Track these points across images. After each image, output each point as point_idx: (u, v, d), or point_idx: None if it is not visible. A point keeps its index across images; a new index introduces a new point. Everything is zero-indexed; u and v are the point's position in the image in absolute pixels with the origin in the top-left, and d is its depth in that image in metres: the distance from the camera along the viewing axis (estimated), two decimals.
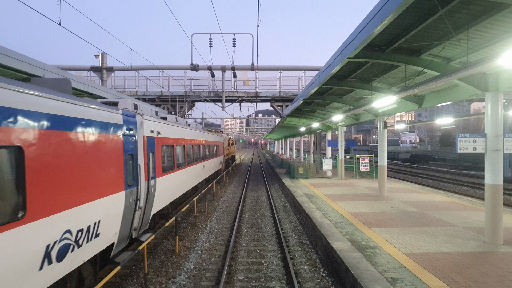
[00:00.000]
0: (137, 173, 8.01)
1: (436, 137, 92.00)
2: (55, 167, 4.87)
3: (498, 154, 8.05)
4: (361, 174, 24.60)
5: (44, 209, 4.63)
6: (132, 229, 8.07)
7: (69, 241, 5.24)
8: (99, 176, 6.16)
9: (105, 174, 6.39)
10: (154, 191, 9.40)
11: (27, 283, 4.35)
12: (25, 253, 4.29)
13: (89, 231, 5.82)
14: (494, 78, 7.88)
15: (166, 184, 10.65)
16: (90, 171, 5.86)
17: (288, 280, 7.72)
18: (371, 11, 6.76)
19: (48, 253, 4.74)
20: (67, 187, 5.15)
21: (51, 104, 4.87)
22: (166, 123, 11.07)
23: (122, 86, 30.38)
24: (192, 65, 27.63)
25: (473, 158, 46.61)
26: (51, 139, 4.80)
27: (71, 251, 5.33)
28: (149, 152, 9.00)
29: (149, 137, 9.03)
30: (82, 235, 5.61)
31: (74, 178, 5.36)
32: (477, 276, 6.26)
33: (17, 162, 4.20)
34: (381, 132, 15.74)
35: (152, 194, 9.20)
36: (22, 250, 4.24)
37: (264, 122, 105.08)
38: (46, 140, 4.68)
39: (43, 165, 4.61)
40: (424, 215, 11.34)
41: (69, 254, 5.26)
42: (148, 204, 8.92)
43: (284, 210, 16.09)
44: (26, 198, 4.28)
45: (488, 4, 6.14)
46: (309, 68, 29.21)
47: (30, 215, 4.35)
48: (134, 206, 7.88)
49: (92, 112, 6.04)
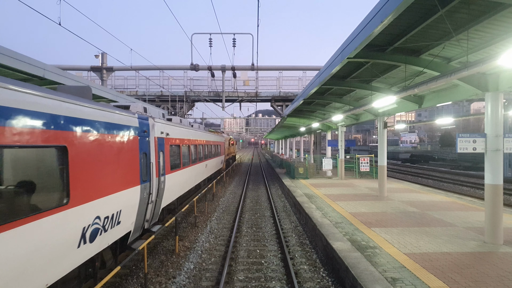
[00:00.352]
0: (149, 170, 8.92)
1: (436, 137, 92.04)
2: (89, 163, 5.85)
3: (498, 154, 8.05)
4: (361, 174, 24.60)
5: (82, 198, 5.59)
6: (145, 220, 8.95)
7: (98, 225, 6.16)
8: (120, 171, 7.11)
9: (125, 169, 7.35)
10: (164, 186, 10.29)
11: (69, 258, 5.29)
12: (68, 233, 5.23)
13: (112, 219, 6.77)
14: (494, 78, 7.88)
15: (173, 181, 11.49)
16: (114, 167, 6.81)
17: (288, 280, 7.72)
18: (371, 11, 6.76)
19: (84, 234, 5.69)
20: (98, 180, 6.13)
21: (85, 111, 5.84)
22: (173, 125, 11.94)
23: (122, 86, 30.38)
24: (192, 65, 27.62)
25: (473, 158, 46.61)
26: (87, 140, 5.82)
27: (100, 235, 6.22)
28: (159, 151, 9.86)
29: (159, 137, 9.91)
30: (108, 222, 6.54)
31: (102, 172, 6.32)
32: (477, 276, 6.26)
33: (63, 159, 5.17)
34: (381, 132, 15.74)
35: (161, 189, 10.07)
36: (67, 230, 5.18)
37: (264, 122, 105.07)
38: (83, 141, 5.69)
39: (81, 161, 5.59)
40: (424, 215, 11.34)
41: (98, 237, 6.15)
42: (158, 199, 9.80)
43: (284, 210, 16.09)
44: (70, 188, 5.25)
45: (488, 4, 6.14)
46: (309, 68, 29.20)
47: (72, 202, 5.30)
48: (147, 199, 8.74)
49: (116, 117, 7.02)
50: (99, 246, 6.28)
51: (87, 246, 5.80)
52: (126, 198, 7.37)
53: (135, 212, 8.00)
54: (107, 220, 6.48)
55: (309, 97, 15.82)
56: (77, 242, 5.50)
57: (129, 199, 7.56)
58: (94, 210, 5.98)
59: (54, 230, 4.89)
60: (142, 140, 8.42)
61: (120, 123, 7.18)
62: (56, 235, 4.94)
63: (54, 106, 4.99)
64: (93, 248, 6.03)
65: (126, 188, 7.33)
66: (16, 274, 4.15)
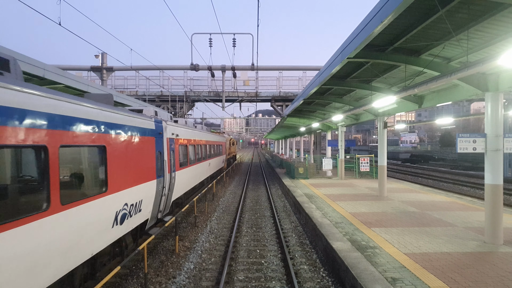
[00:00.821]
0: (163, 167, 10.13)
1: (436, 137, 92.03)
2: (120, 159, 7.10)
3: (498, 154, 8.05)
4: (361, 174, 24.59)
5: (115, 187, 6.85)
6: (159, 211, 10.15)
7: (126, 211, 7.40)
8: (142, 167, 8.34)
9: (145, 165, 8.58)
10: (174, 182, 11.53)
11: (106, 235, 6.57)
12: (106, 214, 6.51)
13: (136, 206, 8.00)
14: (494, 78, 7.88)
15: (182, 177, 12.86)
16: (137, 163, 8.03)
17: (288, 280, 7.72)
18: (371, 11, 6.76)
19: (116, 217, 6.90)
20: (126, 173, 7.37)
21: (117, 117, 7.04)
22: (181, 127, 13.32)
23: (122, 86, 30.37)
24: (192, 65, 27.62)
25: (473, 158, 46.61)
26: (118, 141, 7.06)
27: (126, 219, 7.47)
28: (170, 151, 11.10)
29: (170, 138, 11.19)
30: (132, 208, 7.79)
31: (129, 167, 7.56)
32: (477, 276, 6.26)
33: (103, 156, 6.45)
34: (381, 132, 15.74)
35: (172, 184, 11.31)
36: (105, 212, 6.46)
37: (264, 122, 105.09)
38: (115, 142, 6.92)
39: (115, 158, 6.85)
40: (424, 215, 11.34)
41: (125, 220, 7.40)
42: (169, 192, 11.03)
43: (284, 210, 16.09)
44: (108, 179, 6.52)
45: (488, 4, 6.14)
46: (309, 68, 29.19)
47: (109, 190, 6.58)
48: (161, 192, 9.94)
49: (139, 121, 8.35)
50: (126, 228, 7.55)
51: (118, 227, 7.06)
52: (146, 190, 8.63)
53: (152, 203, 9.25)
54: (132, 207, 7.76)
55: (309, 97, 15.82)
56: (112, 223, 6.75)
57: (148, 191, 8.80)
58: (123, 198, 7.23)
59: (98, 211, 6.15)
60: (158, 140, 9.70)
61: (142, 127, 8.51)
62: (99, 216, 6.20)
63: (97, 114, 6.27)
64: (122, 229, 7.31)
65: (145, 181, 8.61)
66: (74, 243, 5.40)
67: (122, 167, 7.16)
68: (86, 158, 5.99)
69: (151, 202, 9.12)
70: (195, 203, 13.26)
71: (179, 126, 12.75)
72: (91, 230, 5.93)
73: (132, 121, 7.85)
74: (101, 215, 6.29)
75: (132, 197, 7.69)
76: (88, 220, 5.80)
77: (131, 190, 7.61)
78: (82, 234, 5.63)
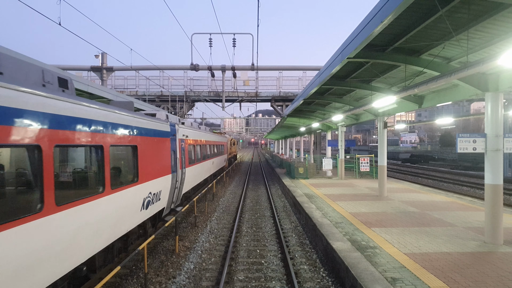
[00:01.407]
0: (176, 163, 11.75)
1: (436, 137, 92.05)
2: (147, 156, 8.70)
3: (498, 154, 8.05)
4: (361, 174, 24.59)
5: (143, 178, 8.47)
6: (172, 202, 11.78)
7: (150, 198, 9.05)
8: (161, 163, 9.96)
9: (163, 162, 10.23)
10: (184, 177, 13.22)
11: (137, 217, 8.20)
12: (138, 200, 8.18)
13: (156, 195, 9.62)
14: (494, 78, 7.87)
15: (190, 173, 14.68)
16: (158, 159, 9.65)
17: (288, 280, 7.72)
18: (371, 11, 6.76)
19: (143, 202, 8.53)
20: (150, 167, 8.97)
21: (143, 122, 8.67)
22: (190, 129, 15.21)
23: (122, 86, 30.37)
24: (192, 65, 27.61)
25: (473, 158, 46.61)
26: (145, 141, 8.67)
27: (150, 205, 9.11)
28: (181, 150, 12.78)
29: (181, 139, 12.91)
30: (154, 197, 9.41)
31: (152, 163, 9.16)
32: (477, 276, 6.26)
33: (135, 153, 8.06)
34: (381, 132, 15.74)
35: (183, 179, 12.96)
36: (137, 198, 8.12)
37: (264, 122, 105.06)
38: (143, 142, 8.52)
39: (143, 155, 8.45)
40: (424, 215, 11.34)
41: (149, 206, 9.03)
42: (181, 185, 12.68)
43: (284, 210, 16.09)
44: (139, 172, 8.16)
45: (488, 4, 6.14)
46: (309, 68, 29.18)
47: (139, 180, 8.21)
48: (174, 185, 11.59)
49: (159, 125, 10.05)
50: (150, 213, 9.19)
51: (144, 211, 8.64)
52: (164, 182, 10.24)
53: (168, 193, 10.88)
54: (154, 196, 9.39)
55: (309, 97, 15.81)
56: (140, 207, 8.36)
57: (165, 183, 10.42)
58: (148, 188, 8.85)
59: (132, 196, 7.79)
60: (172, 141, 11.40)
61: (161, 130, 10.17)
62: (132, 200, 7.82)
63: (131, 121, 7.88)
64: (147, 213, 8.92)
65: (164, 175, 10.20)
66: (117, 220, 7.05)
67: (148, 163, 8.77)
68: (124, 154, 7.66)
69: (167, 193, 10.78)
70: (195, 203, 13.26)
71: (187, 128, 14.62)
72: (128, 211, 7.62)
73: (154, 125, 9.62)
74: (134, 199, 7.95)
75: (154, 187, 9.32)
76: (126, 202, 7.47)
77: (153, 182, 9.27)
78: (124, 212, 7.36)
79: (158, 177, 9.64)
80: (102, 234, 6.39)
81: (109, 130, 6.68)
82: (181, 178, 12.44)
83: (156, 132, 9.55)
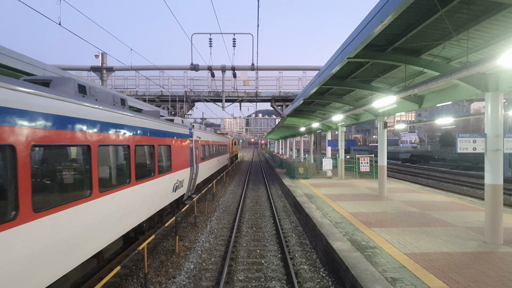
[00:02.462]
0: (192, 159, 14.94)
1: (436, 137, 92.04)
2: (175, 153, 11.79)
3: (498, 154, 8.05)
4: (361, 174, 24.58)
5: (174, 169, 11.57)
6: (189, 190, 15.01)
7: (177, 184, 12.18)
8: (184, 158, 13.13)
9: (185, 157, 13.47)
10: (198, 171, 16.57)
11: (169, 197, 11.27)
12: (171, 184, 11.30)
13: (181, 182, 12.74)
14: (494, 78, 7.87)
15: (202, 168, 18.11)
16: (182, 155, 12.76)
17: (288, 280, 7.72)
18: (371, 11, 6.76)
19: (174, 186, 11.68)
20: (177, 161, 12.00)
21: (174, 128, 11.81)
22: (202, 131, 18.70)
23: (122, 86, 30.34)
24: (192, 65, 27.59)
25: (473, 158, 46.59)
26: (175, 142, 11.78)
27: (178, 189, 12.36)
28: (196, 148, 16.04)
29: (195, 140, 16.23)
30: (179, 183, 12.54)
31: (179, 158, 12.29)
32: (477, 276, 6.26)
33: (169, 150, 11.14)
34: (381, 132, 15.74)
35: (197, 172, 16.28)
36: (171, 182, 11.35)
37: (264, 122, 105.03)
38: (173, 143, 11.54)
39: (173, 152, 11.49)
40: (424, 215, 11.34)
41: (177, 190, 12.24)
42: (195, 177, 16.08)
43: (284, 210, 16.09)
44: (171, 164, 11.23)
45: (488, 4, 6.14)
46: (309, 68, 29.14)
47: (172, 170, 11.34)
48: (191, 176, 14.75)
49: (183, 130, 13.28)
50: (176, 195, 12.27)
51: (173, 193, 11.75)
52: (185, 173, 13.41)
53: (187, 182, 14.04)
54: (180, 182, 12.53)
55: (309, 97, 15.81)
56: (171, 190, 11.42)
57: (186, 174, 13.64)
58: (177, 176, 12.00)
59: (169, 181, 11.00)
60: (190, 141, 14.63)
61: (183, 133, 13.29)
62: (169, 184, 11.04)
63: (167, 127, 11.02)
64: (175, 195, 12.00)
65: (185, 168, 13.42)
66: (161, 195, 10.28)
67: (176, 157, 11.84)
68: (163, 151, 10.51)
69: (187, 182, 13.92)
70: (195, 203, 13.26)
71: (200, 131, 18.19)
72: (166, 190, 10.79)
73: (180, 130, 12.85)
74: (169, 183, 11.04)
75: (180, 176, 12.42)
76: (166, 184, 10.64)
77: (179, 172, 12.35)
78: (164, 191, 10.47)
79: (182, 169, 12.75)
80: (155, 203, 9.69)
81: (157, 135, 9.79)
82: (196, 171, 15.84)
83: (181, 135, 12.76)
